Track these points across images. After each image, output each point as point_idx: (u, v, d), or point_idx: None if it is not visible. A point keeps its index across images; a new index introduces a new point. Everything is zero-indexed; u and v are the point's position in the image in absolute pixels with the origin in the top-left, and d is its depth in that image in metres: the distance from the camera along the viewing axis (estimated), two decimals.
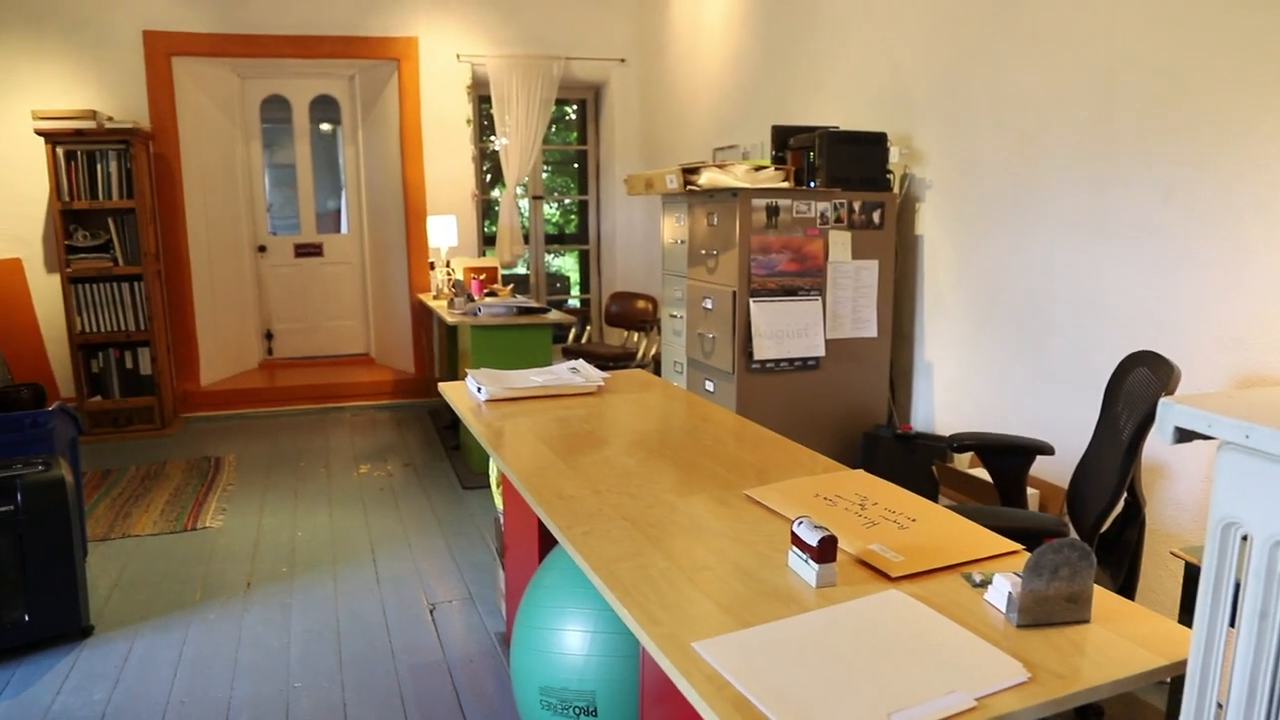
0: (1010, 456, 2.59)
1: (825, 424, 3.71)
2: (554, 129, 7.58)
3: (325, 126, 7.14)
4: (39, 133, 5.51)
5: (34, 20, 5.83)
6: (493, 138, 6.91)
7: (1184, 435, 1.03)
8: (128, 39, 6.02)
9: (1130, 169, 2.80)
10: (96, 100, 6.00)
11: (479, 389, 2.79)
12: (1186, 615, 2.13)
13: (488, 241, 7.15)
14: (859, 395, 3.74)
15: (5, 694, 2.76)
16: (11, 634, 2.96)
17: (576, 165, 7.72)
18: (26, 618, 2.97)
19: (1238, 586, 1.01)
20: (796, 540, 1.52)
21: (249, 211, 6.93)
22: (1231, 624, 1.02)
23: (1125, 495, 2.13)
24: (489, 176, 7.36)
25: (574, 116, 7.70)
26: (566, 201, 8.04)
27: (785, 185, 3.61)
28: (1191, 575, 2.10)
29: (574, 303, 7.81)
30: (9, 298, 5.92)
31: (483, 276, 6.03)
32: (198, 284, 6.45)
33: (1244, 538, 1.00)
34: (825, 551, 1.47)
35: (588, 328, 7.29)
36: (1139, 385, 2.13)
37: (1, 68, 5.82)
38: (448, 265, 6.21)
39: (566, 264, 8.13)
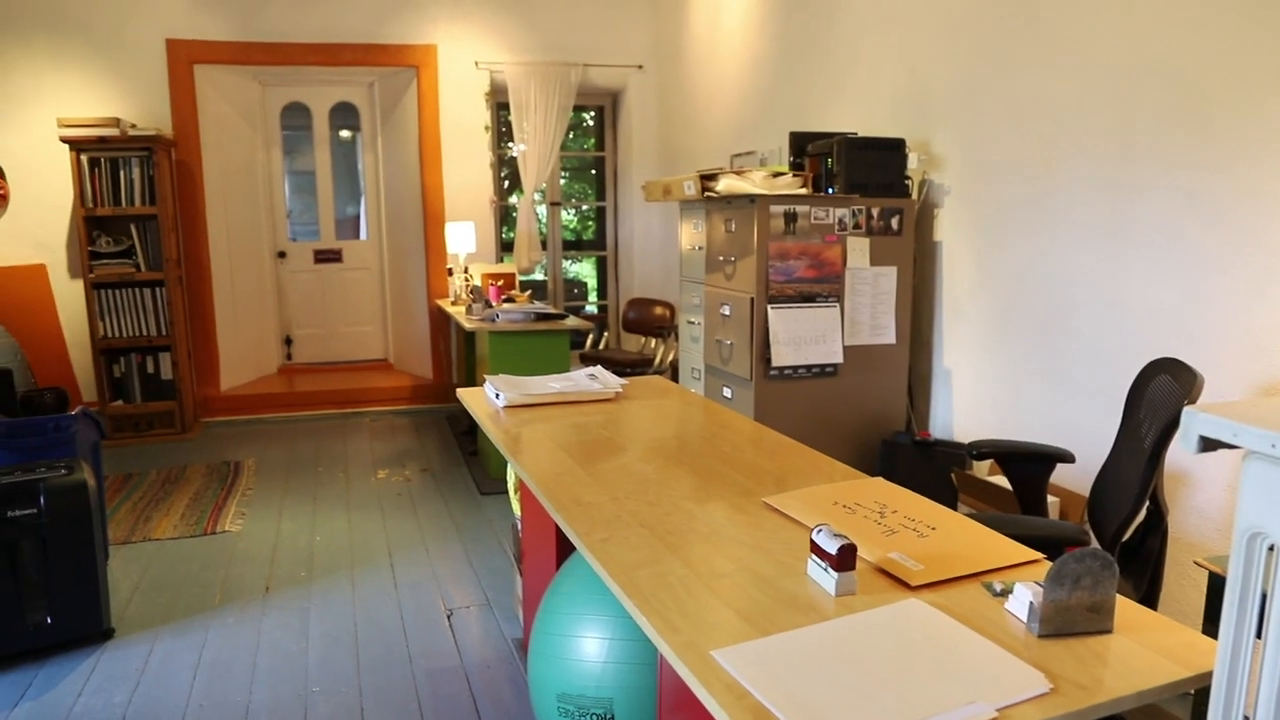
0: (1030, 464, 2.57)
1: (843, 431, 3.69)
2: (572, 135, 7.60)
3: (345, 133, 7.19)
4: (64, 140, 5.58)
5: (60, 29, 5.91)
6: (511, 144, 6.94)
7: (1209, 444, 1.02)
8: (151, 47, 6.09)
9: (1150, 174, 2.78)
10: (120, 108, 6.07)
11: (497, 395, 2.80)
12: (1210, 625, 2.10)
13: (505, 248, 7.17)
14: (877, 402, 3.72)
15: (28, 695, 2.78)
16: (34, 636, 2.99)
17: (594, 171, 7.73)
18: (49, 620, 3.00)
19: (1264, 597, 1.00)
20: (815, 548, 1.52)
21: (269, 218, 6.98)
22: (1258, 635, 1.01)
23: (1147, 504, 2.11)
24: (507, 183, 7.39)
25: (592, 123, 7.72)
26: (584, 207, 8.06)
27: (803, 191, 3.60)
28: (1215, 585, 2.07)
29: (591, 309, 7.82)
30: (33, 303, 5.98)
31: (500, 282, 6.05)
32: (218, 289, 6.51)
33: (1270, 548, 0.99)
34: (844, 560, 1.46)
35: (605, 334, 7.30)
36: (1161, 393, 2.11)
37: (28, 76, 5.90)
38: (466, 271, 6.23)
39: (584, 270, 8.14)
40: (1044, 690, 1.17)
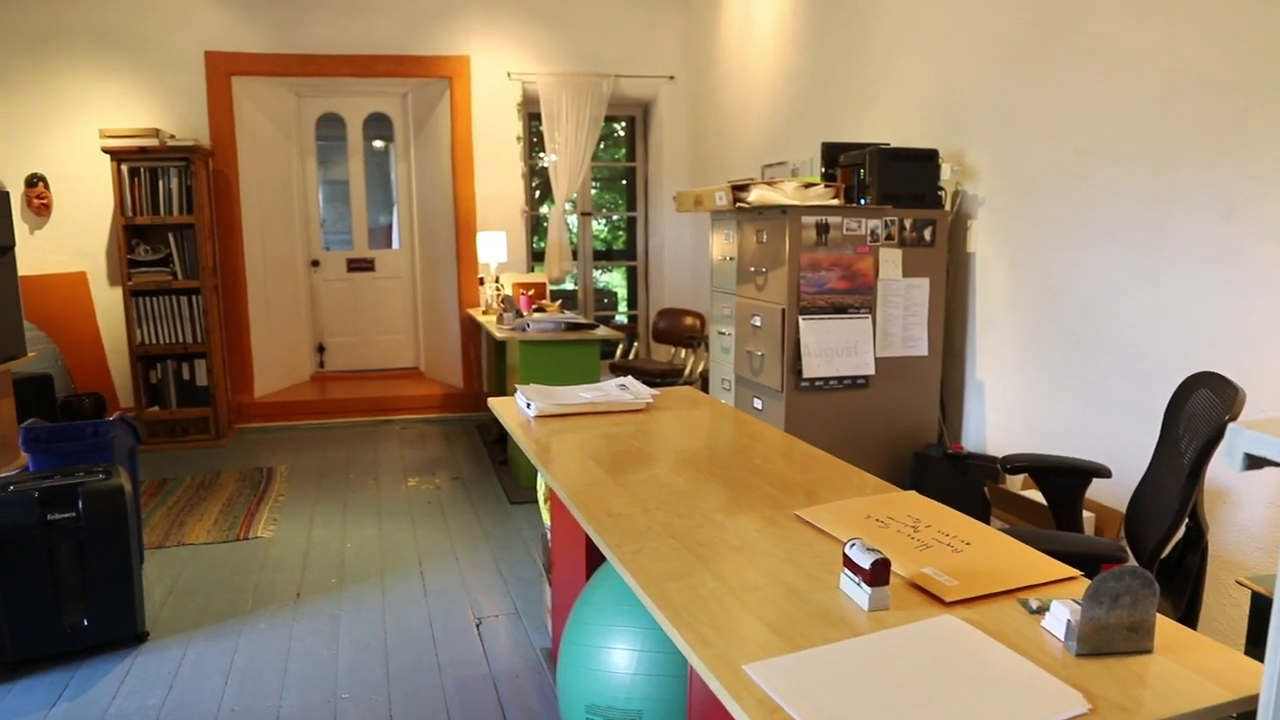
0: (1065, 478, 2.53)
1: (875, 443, 3.66)
2: (603, 145, 7.63)
3: (378, 143, 7.27)
4: (105, 150, 5.69)
5: (102, 42, 6.03)
6: (542, 154, 6.98)
7: (1254, 462, 1.00)
8: (190, 59, 6.20)
9: (1190, 184, 2.73)
10: (160, 119, 6.18)
11: (528, 404, 2.81)
12: (1253, 646, 2.06)
13: (536, 257, 7.21)
14: (909, 414, 3.69)
15: (65, 696, 2.82)
16: (71, 638, 3.04)
17: (625, 182, 7.75)
18: (85, 622, 3.05)
19: None
20: (848, 562, 1.51)
21: (303, 227, 7.07)
22: None
23: (1186, 521, 2.07)
24: (538, 193, 7.42)
25: (623, 133, 7.74)
26: (615, 218, 8.08)
27: (835, 202, 3.59)
28: (1259, 605, 2.03)
29: (622, 319, 7.83)
30: (73, 309, 6.09)
31: (531, 292, 6.08)
32: (253, 297, 6.59)
33: None
34: (878, 574, 1.45)
35: (635, 344, 7.30)
36: (1201, 407, 2.07)
37: (72, 88, 6.02)
38: (497, 281, 6.27)
39: (614, 280, 8.15)
40: (1082, 711, 1.15)
